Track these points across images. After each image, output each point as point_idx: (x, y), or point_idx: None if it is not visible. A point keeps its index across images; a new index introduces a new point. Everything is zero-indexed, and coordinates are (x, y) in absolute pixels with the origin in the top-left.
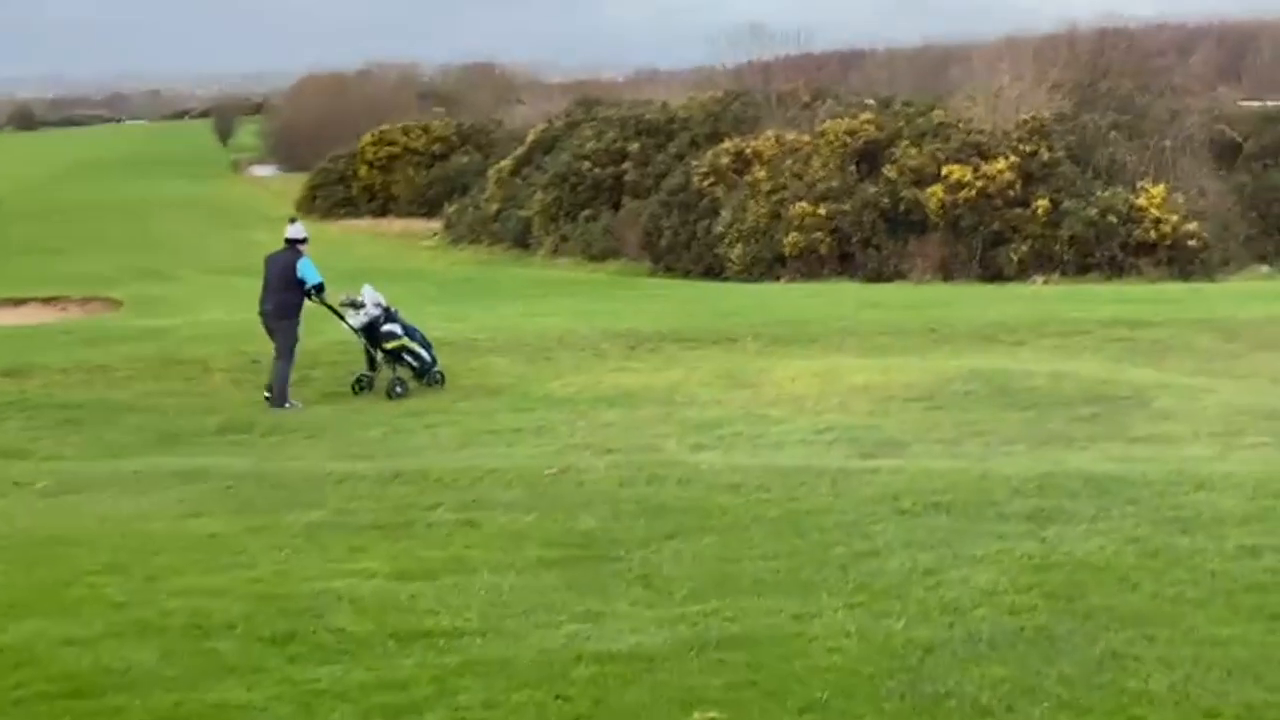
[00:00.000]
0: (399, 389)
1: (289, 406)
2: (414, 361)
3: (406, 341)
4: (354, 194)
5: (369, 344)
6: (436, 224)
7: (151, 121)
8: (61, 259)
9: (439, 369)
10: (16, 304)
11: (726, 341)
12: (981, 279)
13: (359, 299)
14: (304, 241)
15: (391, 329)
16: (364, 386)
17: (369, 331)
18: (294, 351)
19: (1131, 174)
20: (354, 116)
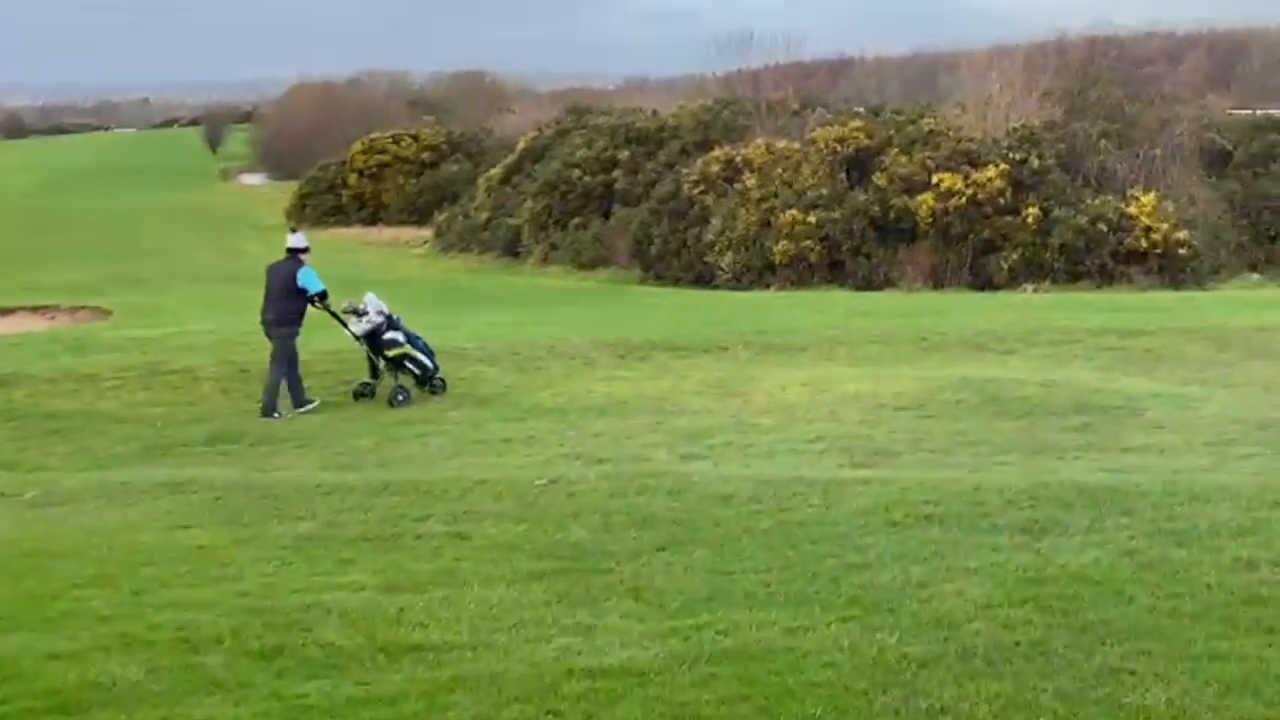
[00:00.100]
0: (401, 397)
1: (277, 416)
2: (416, 369)
3: (409, 349)
4: (344, 202)
5: (371, 351)
6: (426, 232)
7: (141, 130)
8: (50, 267)
9: (441, 376)
10: (5, 313)
11: (717, 350)
12: (972, 287)
13: (362, 306)
14: (305, 251)
15: (394, 336)
16: (366, 394)
17: (371, 339)
18: (290, 362)
19: (1122, 182)
20: (344, 125)
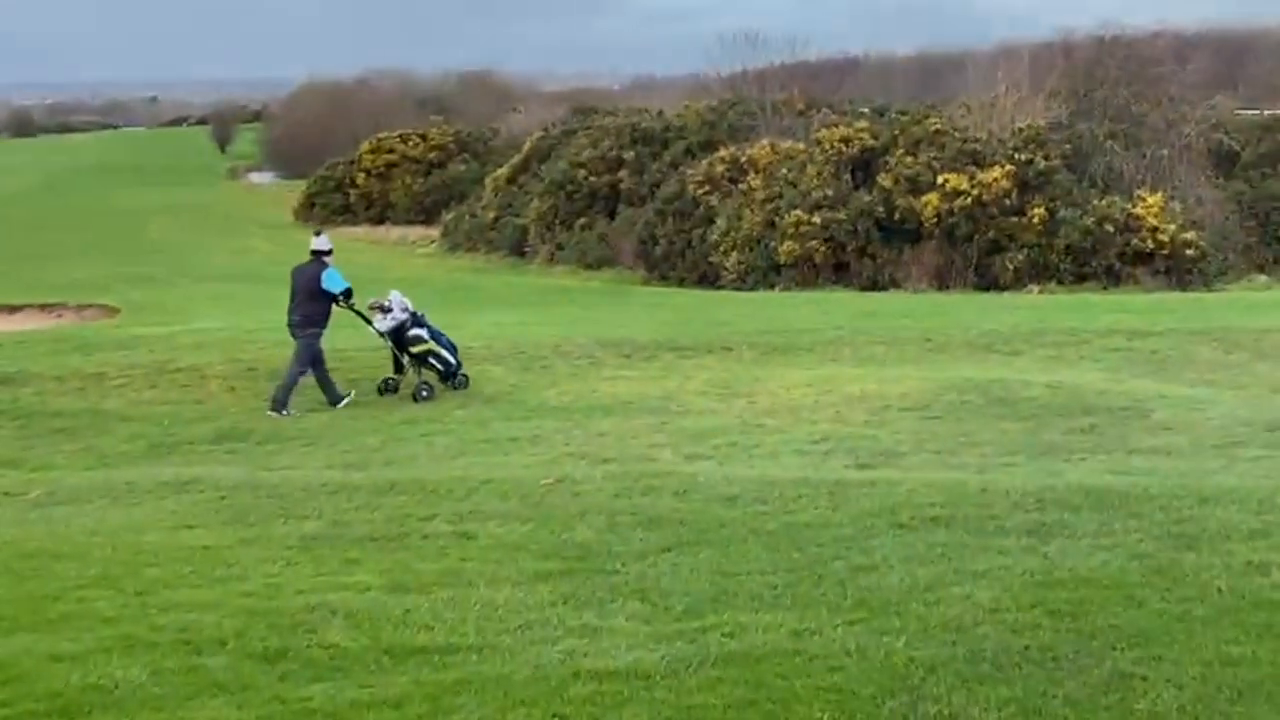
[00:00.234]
0: (425, 392)
1: (286, 413)
2: (439, 365)
3: (433, 345)
4: (352, 201)
5: (395, 348)
6: (433, 231)
7: (149, 128)
8: (58, 265)
9: (464, 373)
10: (12, 310)
11: (722, 350)
12: (977, 288)
13: (386, 303)
14: (329, 253)
15: (418, 333)
16: (390, 390)
17: (396, 335)
18: (316, 362)
19: (1128, 183)
20: (352, 124)
